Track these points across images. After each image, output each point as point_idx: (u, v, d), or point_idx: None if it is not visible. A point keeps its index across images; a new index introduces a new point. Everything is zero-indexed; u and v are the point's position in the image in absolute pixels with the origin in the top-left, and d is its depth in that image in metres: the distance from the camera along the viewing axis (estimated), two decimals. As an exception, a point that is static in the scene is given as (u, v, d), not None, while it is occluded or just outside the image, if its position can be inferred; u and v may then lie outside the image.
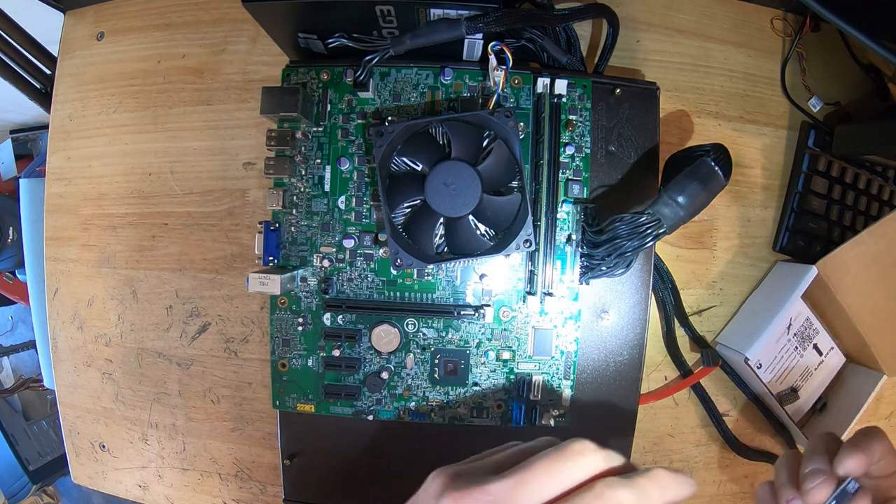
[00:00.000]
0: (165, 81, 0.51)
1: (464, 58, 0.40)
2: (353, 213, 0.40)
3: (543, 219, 0.38)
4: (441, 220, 0.36)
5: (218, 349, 0.50)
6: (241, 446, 0.51)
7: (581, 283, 0.40)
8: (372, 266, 0.40)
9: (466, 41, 0.37)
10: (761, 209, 0.50)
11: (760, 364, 0.47)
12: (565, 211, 0.40)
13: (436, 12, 0.35)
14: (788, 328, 0.48)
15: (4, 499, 1.10)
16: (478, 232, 0.37)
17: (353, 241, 0.39)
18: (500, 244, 0.37)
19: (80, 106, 0.52)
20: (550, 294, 0.39)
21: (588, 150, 0.40)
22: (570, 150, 0.40)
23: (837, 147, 0.49)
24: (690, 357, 0.49)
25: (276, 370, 0.41)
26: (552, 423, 0.41)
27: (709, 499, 0.51)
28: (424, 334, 0.40)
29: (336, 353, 0.40)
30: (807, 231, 0.49)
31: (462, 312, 0.40)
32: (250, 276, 0.37)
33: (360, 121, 0.40)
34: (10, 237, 0.91)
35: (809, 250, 0.49)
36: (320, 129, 0.40)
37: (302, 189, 0.40)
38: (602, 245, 0.36)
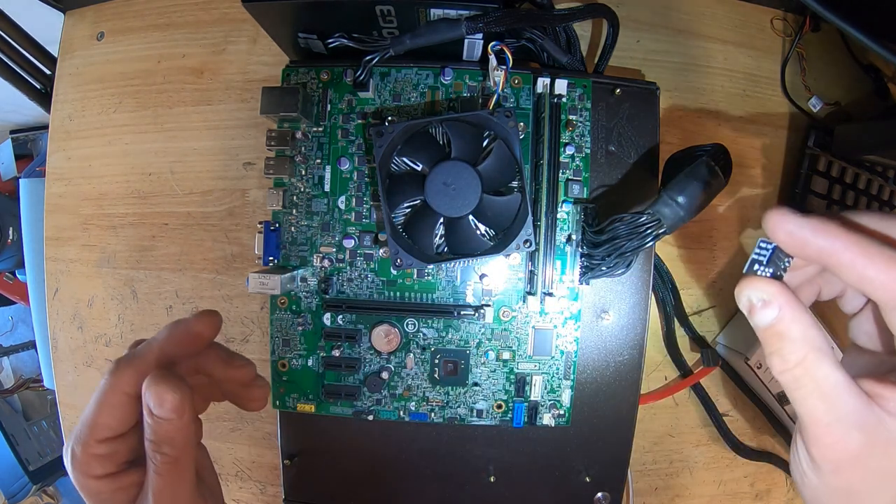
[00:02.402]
0: (165, 81, 0.51)
1: (464, 58, 0.40)
2: (353, 213, 0.40)
3: (543, 219, 0.38)
4: (441, 220, 0.36)
5: (218, 349, 0.50)
6: (241, 446, 0.51)
7: (581, 283, 0.40)
8: (372, 266, 0.40)
9: (466, 41, 0.37)
10: (761, 209, 0.50)
11: (760, 364, 0.47)
12: (565, 211, 0.40)
13: (436, 12, 0.35)
14: (788, 328, 0.48)
15: (4, 499, 1.10)
16: (478, 232, 0.37)
17: (353, 241, 0.39)
18: (500, 244, 0.37)
19: (80, 106, 0.52)
20: (550, 294, 0.39)
21: (588, 150, 0.40)
22: (570, 150, 0.40)
23: (837, 147, 0.49)
24: (690, 357, 0.49)
25: (276, 370, 0.41)
26: (552, 423, 0.41)
27: (709, 499, 0.51)
28: (424, 334, 0.40)
29: (336, 353, 0.40)
30: (807, 231, 0.49)
31: (462, 312, 0.40)
32: (250, 276, 0.37)
33: (360, 121, 0.40)
34: (10, 237, 0.91)
35: (809, 250, 0.49)
36: (320, 129, 0.40)
37: (302, 189, 0.40)
38: (602, 245, 0.36)
